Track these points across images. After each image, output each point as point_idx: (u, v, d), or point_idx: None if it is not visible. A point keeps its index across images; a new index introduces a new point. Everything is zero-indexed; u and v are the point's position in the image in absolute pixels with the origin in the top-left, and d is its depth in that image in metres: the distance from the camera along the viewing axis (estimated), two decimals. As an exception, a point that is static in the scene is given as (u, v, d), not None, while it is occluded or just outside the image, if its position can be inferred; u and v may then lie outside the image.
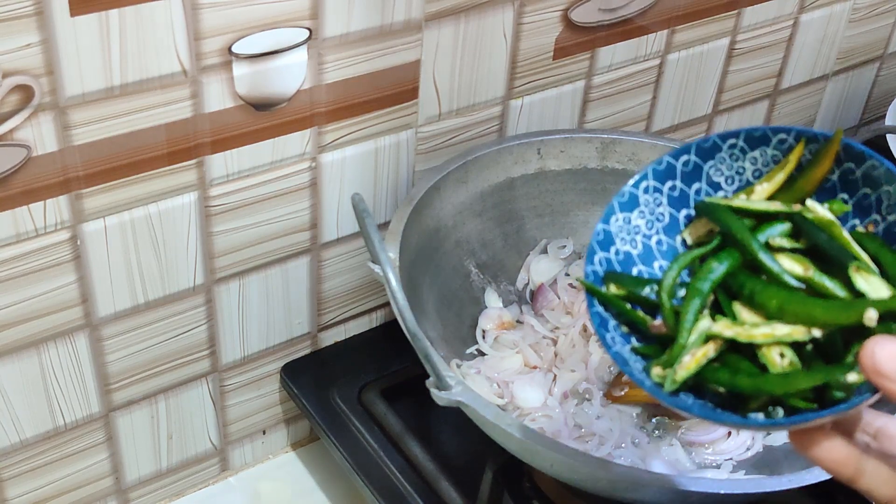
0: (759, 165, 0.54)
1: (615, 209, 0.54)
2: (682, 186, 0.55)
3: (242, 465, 0.87)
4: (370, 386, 0.82)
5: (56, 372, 0.71)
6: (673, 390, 0.50)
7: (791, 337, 0.48)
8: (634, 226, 0.54)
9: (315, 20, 0.69)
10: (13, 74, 0.59)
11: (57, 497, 0.77)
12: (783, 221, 0.52)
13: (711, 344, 0.50)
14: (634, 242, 0.55)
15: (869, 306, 0.45)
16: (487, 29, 0.79)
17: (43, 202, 0.64)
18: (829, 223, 0.50)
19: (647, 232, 0.55)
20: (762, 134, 0.53)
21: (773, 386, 0.48)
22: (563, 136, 0.85)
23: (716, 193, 0.55)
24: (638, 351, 0.52)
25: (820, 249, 0.50)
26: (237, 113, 0.69)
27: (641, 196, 0.54)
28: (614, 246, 0.54)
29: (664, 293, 0.52)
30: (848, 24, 1.06)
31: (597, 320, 0.53)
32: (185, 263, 0.73)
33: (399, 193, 0.82)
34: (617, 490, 0.64)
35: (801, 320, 0.48)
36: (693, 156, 0.54)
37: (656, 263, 0.55)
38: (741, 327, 0.49)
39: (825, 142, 0.51)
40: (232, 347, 0.80)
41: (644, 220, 0.55)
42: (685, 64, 0.95)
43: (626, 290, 0.53)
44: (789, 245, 0.51)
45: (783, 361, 0.48)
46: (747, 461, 0.75)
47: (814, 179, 0.52)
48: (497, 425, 0.62)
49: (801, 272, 0.49)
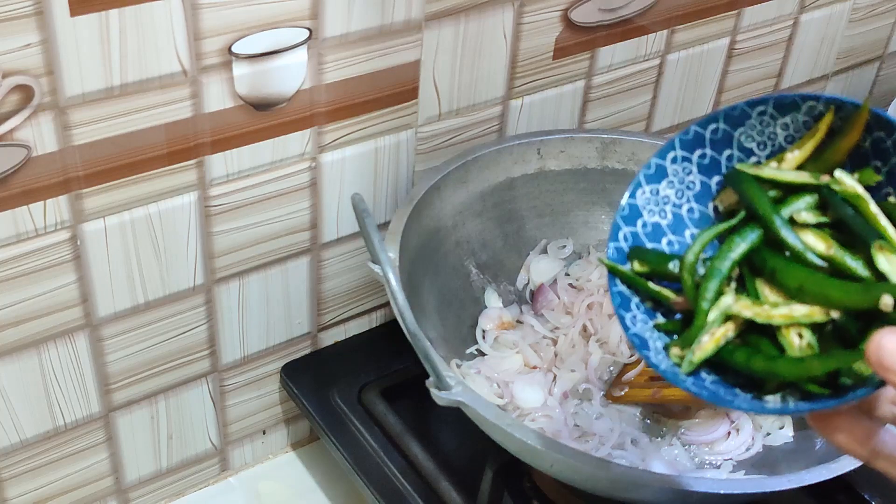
0: (791, 131, 0.53)
1: (641, 182, 0.54)
2: (712, 154, 0.54)
3: (242, 465, 0.87)
4: (370, 386, 0.82)
5: (56, 372, 0.71)
6: (690, 371, 0.49)
7: (810, 318, 0.47)
8: (663, 196, 0.54)
9: (315, 20, 0.69)
10: (13, 74, 0.59)
11: (57, 497, 0.77)
12: (811, 193, 0.50)
13: (731, 324, 0.49)
14: (664, 213, 0.55)
15: (885, 292, 0.44)
16: (487, 29, 0.79)
17: (43, 202, 0.64)
18: (856, 196, 0.48)
19: (676, 201, 0.54)
20: (791, 101, 0.52)
21: (786, 370, 0.47)
22: (563, 136, 0.85)
23: (748, 159, 0.54)
24: (661, 327, 0.52)
25: (846, 224, 0.48)
26: (237, 113, 0.69)
27: (669, 166, 0.54)
28: (641, 219, 0.54)
29: (685, 271, 0.51)
30: (848, 24, 1.06)
31: (617, 300, 0.52)
32: (185, 263, 0.73)
33: (399, 193, 0.82)
34: (617, 490, 0.64)
35: (818, 301, 0.47)
36: (722, 124, 0.54)
37: (687, 232, 0.55)
38: (760, 307, 0.48)
39: (854, 110, 0.50)
40: (232, 347, 0.80)
41: (673, 189, 0.54)
42: (685, 64, 0.95)
43: (651, 267, 0.52)
44: (815, 219, 0.50)
45: (801, 343, 0.47)
46: (747, 461, 0.75)
47: (843, 149, 0.50)
48: (497, 425, 0.62)
49: (823, 250, 0.48)
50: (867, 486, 0.75)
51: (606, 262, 0.53)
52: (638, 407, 0.78)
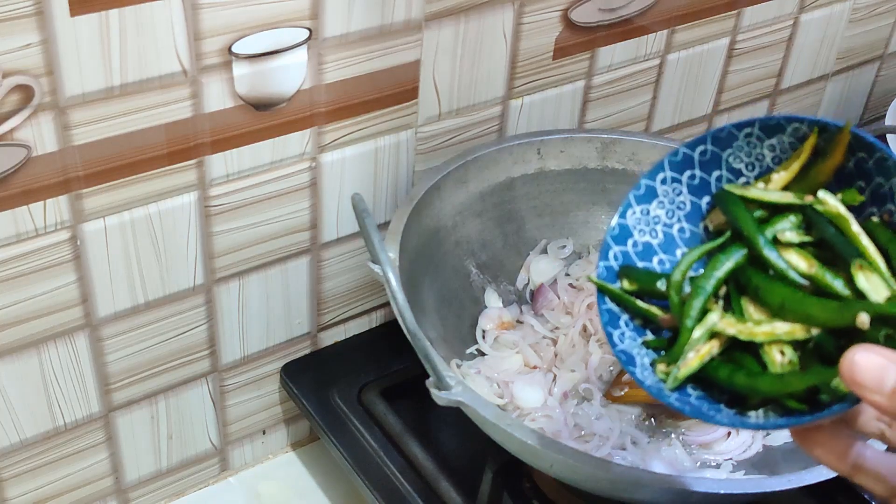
0: (778, 152, 0.54)
1: (632, 203, 0.55)
2: (701, 175, 0.55)
3: (242, 465, 0.87)
4: (370, 386, 0.82)
5: (56, 372, 0.71)
6: (675, 386, 0.50)
7: (791, 335, 0.48)
8: (654, 216, 0.55)
9: (315, 20, 0.69)
10: (13, 74, 0.59)
11: (57, 497, 0.77)
12: (796, 213, 0.51)
13: (716, 340, 0.50)
14: (654, 232, 0.55)
15: (861, 310, 0.45)
16: (487, 29, 0.79)
17: (43, 202, 0.64)
18: (838, 216, 0.50)
19: (667, 221, 0.55)
20: (777, 123, 0.53)
21: (767, 386, 0.48)
22: (563, 136, 0.85)
23: (737, 179, 0.55)
24: (649, 344, 0.53)
25: (828, 243, 0.50)
26: (237, 113, 0.69)
27: (659, 187, 0.55)
28: (632, 238, 0.55)
29: (672, 289, 0.53)
30: (848, 24, 1.06)
31: (605, 318, 0.53)
32: (185, 263, 0.73)
33: (399, 193, 0.82)
34: (617, 490, 0.64)
35: (799, 318, 0.48)
36: (710, 146, 0.55)
37: (678, 251, 0.56)
38: (744, 325, 0.49)
39: (837, 132, 0.51)
40: (232, 347, 0.80)
41: (664, 209, 0.55)
42: (685, 64, 0.95)
43: (640, 285, 0.53)
44: (799, 239, 0.51)
45: (783, 360, 0.48)
46: (747, 461, 0.75)
47: (827, 169, 0.52)
48: (497, 425, 0.62)
49: (805, 268, 0.49)
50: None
51: (595, 280, 0.54)
52: (638, 407, 0.78)
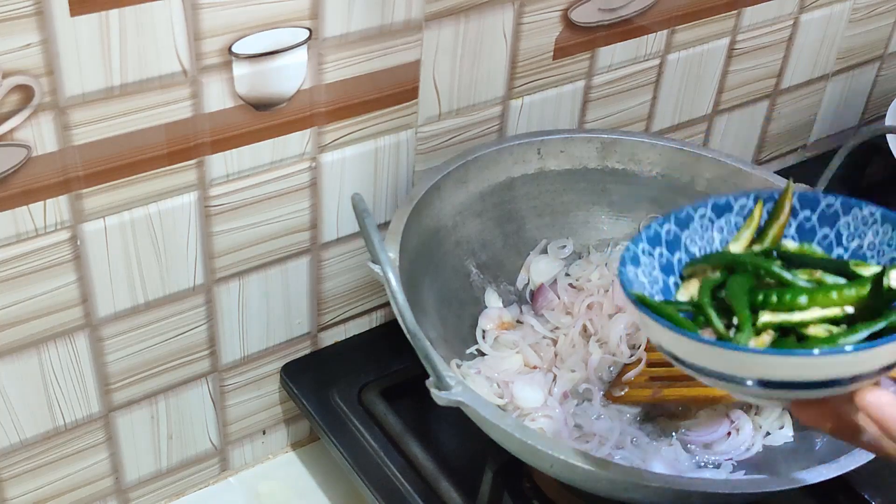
0: (725, 234, 0.59)
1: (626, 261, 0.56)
2: (667, 255, 0.58)
3: (242, 465, 0.87)
4: (370, 386, 0.82)
5: (56, 372, 0.71)
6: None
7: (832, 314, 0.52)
8: (640, 282, 0.57)
9: (315, 20, 0.69)
10: (13, 74, 0.59)
11: (57, 497, 0.77)
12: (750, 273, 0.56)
13: (765, 335, 0.53)
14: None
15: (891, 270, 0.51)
16: (487, 29, 0.79)
17: (43, 202, 0.64)
18: (801, 250, 0.58)
19: (650, 290, 0.57)
20: (726, 202, 0.59)
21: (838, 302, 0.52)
22: (563, 136, 0.85)
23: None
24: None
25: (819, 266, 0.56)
26: (237, 113, 0.69)
27: (642, 257, 0.57)
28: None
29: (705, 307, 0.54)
30: (848, 24, 1.07)
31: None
32: (185, 263, 0.73)
33: (399, 193, 0.82)
34: (617, 490, 0.64)
35: (832, 304, 0.52)
36: (673, 225, 0.58)
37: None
38: (786, 313, 0.53)
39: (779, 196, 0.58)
40: (232, 347, 0.80)
41: (647, 279, 0.57)
42: (685, 64, 0.95)
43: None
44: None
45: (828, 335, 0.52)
46: (747, 461, 0.75)
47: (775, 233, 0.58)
48: (497, 425, 0.62)
49: (808, 278, 0.55)
50: (867, 486, 0.75)
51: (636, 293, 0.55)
52: (638, 407, 0.78)
